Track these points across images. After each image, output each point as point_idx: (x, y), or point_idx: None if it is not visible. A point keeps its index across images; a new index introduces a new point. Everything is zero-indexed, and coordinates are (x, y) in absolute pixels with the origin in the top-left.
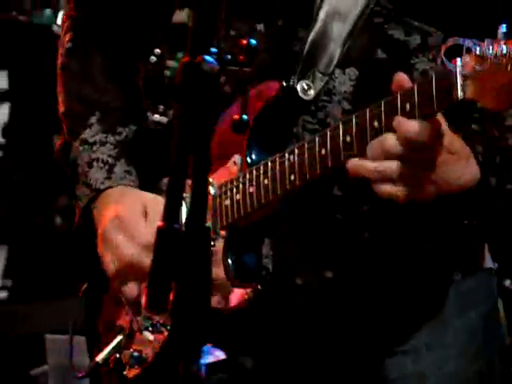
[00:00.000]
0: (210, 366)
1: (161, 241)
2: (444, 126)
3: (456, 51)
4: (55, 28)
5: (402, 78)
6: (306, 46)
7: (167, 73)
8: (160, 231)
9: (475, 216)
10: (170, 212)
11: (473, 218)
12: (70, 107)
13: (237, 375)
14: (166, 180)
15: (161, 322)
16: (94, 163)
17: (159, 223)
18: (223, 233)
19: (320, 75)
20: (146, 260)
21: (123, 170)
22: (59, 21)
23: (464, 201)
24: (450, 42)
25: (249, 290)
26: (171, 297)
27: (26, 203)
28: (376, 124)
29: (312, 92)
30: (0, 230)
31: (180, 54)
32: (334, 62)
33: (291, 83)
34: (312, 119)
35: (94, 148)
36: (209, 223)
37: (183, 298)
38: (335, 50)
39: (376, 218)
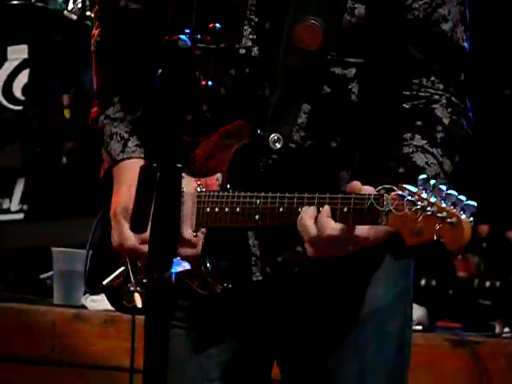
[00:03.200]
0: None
1: (142, 176)
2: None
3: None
4: (66, 12)
5: (355, 185)
6: (274, 99)
7: None
8: (142, 168)
9: None
10: (151, 154)
11: None
12: (99, 88)
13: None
14: None
15: None
16: (114, 136)
17: (143, 163)
18: (203, 229)
19: (286, 127)
20: None
21: (135, 144)
22: (70, 6)
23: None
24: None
25: (218, 286)
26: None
27: (40, 146)
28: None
29: (278, 146)
30: (20, 167)
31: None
32: (301, 121)
33: (264, 135)
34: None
35: (115, 124)
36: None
37: (159, 222)
38: (298, 105)
39: None
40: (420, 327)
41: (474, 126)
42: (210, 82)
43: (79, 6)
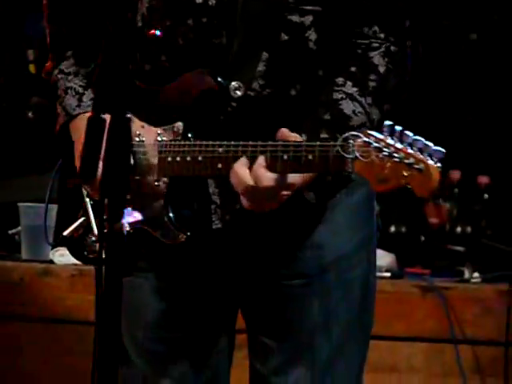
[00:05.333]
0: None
1: (90, 126)
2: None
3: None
4: None
5: (283, 132)
6: (234, 47)
7: None
8: (89, 119)
9: None
10: (97, 102)
11: None
12: (52, 42)
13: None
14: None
15: None
16: (69, 91)
17: (89, 114)
18: (165, 179)
19: (247, 75)
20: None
21: (90, 98)
22: None
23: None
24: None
25: (181, 235)
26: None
27: (8, 102)
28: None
29: (239, 93)
30: None
31: None
32: (259, 69)
33: (225, 83)
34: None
35: (69, 78)
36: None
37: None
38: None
39: None
40: (389, 274)
41: (443, 71)
42: (157, 32)
43: None
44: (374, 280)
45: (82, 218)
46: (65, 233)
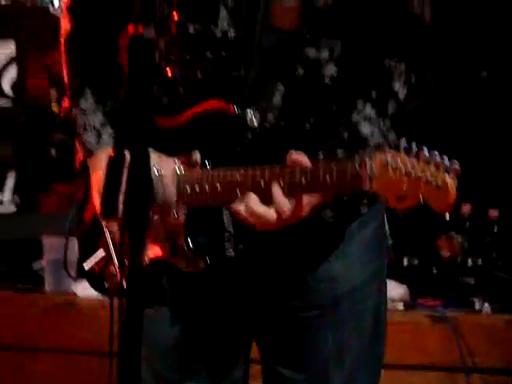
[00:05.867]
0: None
1: (110, 164)
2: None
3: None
4: (51, 9)
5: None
6: (251, 79)
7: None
8: (110, 157)
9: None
10: (119, 142)
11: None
12: (70, 80)
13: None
14: None
15: None
16: (88, 127)
17: (111, 153)
18: (184, 207)
19: (264, 105)
20: None
21: (108, 134)
22: (56, 3)
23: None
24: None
25: (201, 262)
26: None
27: (29, 140)
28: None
29: (255, 123)
30: (11, 159)
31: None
32: (278, 101)
33: (242, 113)
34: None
35: (88, 115)
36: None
37: (130, 205)
38: (274, 86)
39: None
40: (402, 305)
41: (455, 107)
42: (176, 75)
43: None
44: (385, 310)
45: (102, 251)
46: (85, 265)
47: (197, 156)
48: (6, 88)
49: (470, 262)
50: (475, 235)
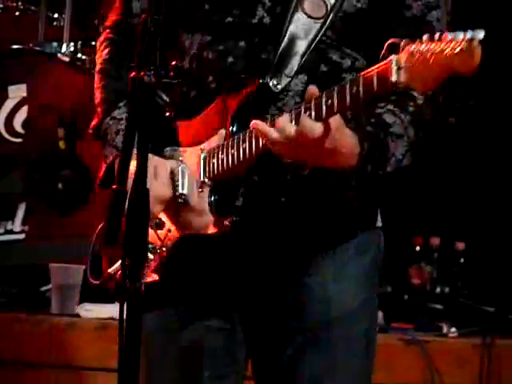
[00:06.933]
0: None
1: (115, 198)
2: (338, 126)
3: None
4: (59, 55)
5: (313, 90)
6: (276, 57)
7: None
8: (114, 191)
9: (354, 187)
10: (121, 178)
11: (352, 188)
12: (106, 96)
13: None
14: (167, 149)
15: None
16: (120, 132)
17: (114, 186)
18: (209, 182)
19: (285, 77)
20: (157, 207)
21: None
22: (63, 50)
23: (339, 177)
24: (390, 41)
25: (227, 221)
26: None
27: (40, 175)
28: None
29: (279, 87)
30: (21, 192)
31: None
32: (294, 69)
33: (266, 80)
34: (274, 107)
35: (121, 122)
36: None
37: (131, 235)
38: (295, 61)
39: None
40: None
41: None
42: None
43: (71, 49)
44: (376, 334)
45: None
46: (110, 271)
47: (222, 133)
48: (17, 126)
49: (438, 289)
50: (443, 265)
